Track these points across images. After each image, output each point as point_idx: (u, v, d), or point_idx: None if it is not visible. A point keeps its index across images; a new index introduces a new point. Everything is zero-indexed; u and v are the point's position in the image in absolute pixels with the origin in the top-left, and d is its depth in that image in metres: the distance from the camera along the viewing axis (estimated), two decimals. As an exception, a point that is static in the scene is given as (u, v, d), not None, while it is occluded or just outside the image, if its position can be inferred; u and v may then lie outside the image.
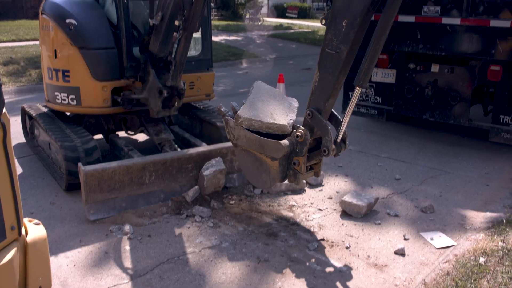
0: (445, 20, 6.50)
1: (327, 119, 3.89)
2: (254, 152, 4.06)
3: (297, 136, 3.79)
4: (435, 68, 6.95)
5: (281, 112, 4.16)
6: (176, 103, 5.54)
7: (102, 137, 6.47)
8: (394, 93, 7.38)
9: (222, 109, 4.31)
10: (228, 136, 4.29)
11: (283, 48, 19.39)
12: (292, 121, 4.09)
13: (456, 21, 6.42)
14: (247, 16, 30.66)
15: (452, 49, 6.57)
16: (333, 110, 3.93)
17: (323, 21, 3.70)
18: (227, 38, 20.14)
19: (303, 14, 38.62)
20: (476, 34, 6.36)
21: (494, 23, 6.21)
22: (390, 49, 7.10)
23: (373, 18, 3.62)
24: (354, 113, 7.75)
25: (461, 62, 6.89)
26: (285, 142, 3.82)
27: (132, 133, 6.40)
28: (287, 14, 37.67)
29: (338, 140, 3.92)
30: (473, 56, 6.55)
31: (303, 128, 3.83)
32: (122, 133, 6.49)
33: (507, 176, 6.12)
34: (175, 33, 5.18)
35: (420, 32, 6.72)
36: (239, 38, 20.84)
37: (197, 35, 6.41)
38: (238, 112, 4.09)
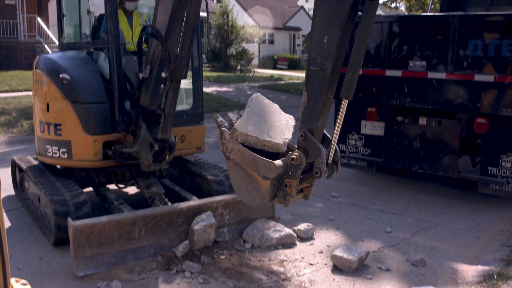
0: (431, 75, 6.67)
1: (320, 140, 3.77)
2: (246, 168, 3.93)
3: (292, 159, 3.67)
4: (422, 121, 7.08)
5: (277, 129, 4.04)
6: (167, 157, 5.56)
7: (92, 190, 6.45)
8: (383, 145, 7.47)
9: (219, 119, 4.16)
10: (221, 147, 4.13)
11: (274, 99, 19.41)
12: (287, 140, 3.98)
13: (442, 75, 6.60)
14: (239, 67, 31.22)
15: (438, 102, 6.72)
16: (325, 131, 3.82)
17: (304, 44, 3.70)
18: (218, 89, 20.42)
19: (293, 65, 39.41)
20: (461, 88, 6.52)
21: (478, 77, 6.38)
22: (378, 102, 7.24)
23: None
24: (344, 165, 7.83)
25: (448, 115, 7.03)
26: (279, 162, 3.71)
27: (123, 186, 6.39)
28: (277, 66, 38.43)
29: (329, 161, 3.76)
30: (459, 109, 6.70)
31: (298, 151, 3.71)
32: (112, 186, 6.48)
33: (497, 228, 6.14)
34: (162, 85, 5.28)
35: (407, 86, 6.88)
36: (230, 89, 21.13)
37: (187, 86, 6.52)
38: (235, 125, 3.94)
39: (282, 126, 4.08)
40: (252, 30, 35.17)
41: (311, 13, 54.05)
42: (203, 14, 6.65)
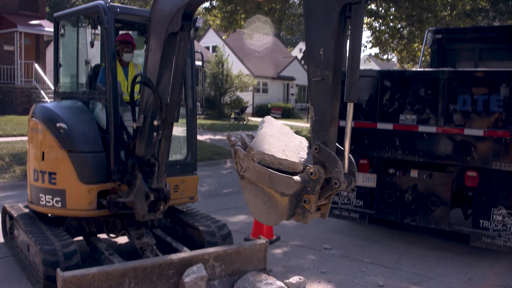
0: (422, 128, 6.79)
1: (335, 151, 3.72)
2: (262, 186, 3.84)
3: (311, 173, 3.62)
4: (414, 173, 7.14)
5: (292, 149, 4.00)
6: (162, 206, 5.58)
7: (83, 239, 6.40)
8: (375, 197, 7.50)
9: (232, 139, 4.11)
10: (236, 167, 4.05)
11: (267, 147, 19.71)
12: (303, 159, 3.91)
13: (432, 129, 6.71)
14: (233, 115, 31.51)
15: (429, 155, 6.80)
16: (337, 144, 3.80)
17: (302, 61, 3.79)
18: (212, 137, 20.55)
19: (287, 114, 39.85)
20: (451, 141, 6.63)
21: (468, 131, 6.49)
22: (370, 154, 7.32)
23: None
24: (336, 216, 7.82)
25: (439, 167, 7.10)
26: (297, 178, 3.64)
27: (114, 236, 6.35)
28: (271, 114, 38.79)
29: (346, 171, 3.70)
30: (450, 162, 6.78)
31: (316, 165, 3.66)
32: (103, 235, 6.43)
33: (490, 282, 6.10)
34: (154, 133, 5.35)
35: (398, 139, 6.98)
36: (224, 138, 21.26)
37: (181, 134, 6.59)
38: (251, 144, 3.91)
39: (297, 147, 4.07)
40: (246, 79, 35.74)
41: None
42: (198, 63, 6.81)
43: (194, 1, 4.98)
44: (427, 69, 8.03)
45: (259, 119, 34.21)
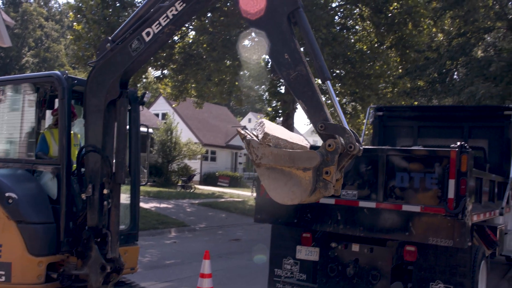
0: (362, 204, 6.97)
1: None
2: (281, 168, 4.11)
3: (329, 145, 3.98)
4: (355, 247, 7.25)
5: (296, 139, 4.35)
6: (114, 278, 5.47)
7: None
8: (318, 270, 7.53)
9: (242, 132, 4.38)
10: (250, 156, 4.32)
11: (213, 217, 19.60)
12: (308, 146, 4.30)
13: (372, 204, 6.90)
14: (180, 183, 31.26)
15: (370, 230, 6.95)
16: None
17: (273, 75, 4.46)
18: (158, 205, 20.24)
19: (234, 183, 39.91)
20: (390, 217, 6.82)
21: (406, 207, 6.71)
22: (313, 228, 7.42)
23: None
24: (279, 290, 7.78)
25: (380, 242, 7.25)
26: (316, 152, 4.01)
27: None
28: (218, 183, 38.78)
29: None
30: (390, 237, 6.95)
31: (330, 138, 4.05)
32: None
33: None
34: (105, 202, 5.32)
35: (340, 213, 7.12)
36: (169, 206, 20.98)
37: (125, 202, 6.49)
38: (265, 130, 4.22)
39: (299, 138, 4.47)
40: (195, 147, 35.82)
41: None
42: (143, 129, 6.88)
43: (129, 69, 5.33)
44: (367, 147, 8.35)
45: (206, 188, 34.11)
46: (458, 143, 6.46)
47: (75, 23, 21.18)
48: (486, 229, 8.36)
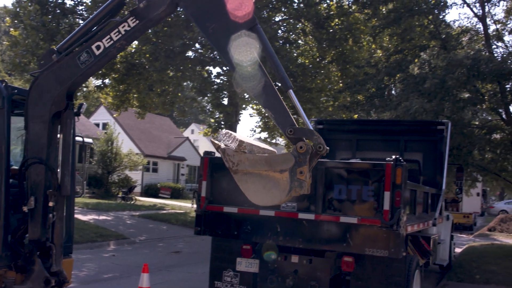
0: (301, 215, 7.06)
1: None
2: (259, 172, 4.35)
3: (300, 147, 4.26)
4: (295, 259, 7.34)
5: (264, 145, 4.62)
6: None
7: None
8: (258, 282, 7.55)
9: (216, 141, 4.62)
10: (227, 164, 4.50)
11: (154, 229, 19.28)
12: (275, 152, 4.54)
13: (311, 216, 6.99)
14: (120, 195, 30.58)
15: (309, 241, 7.05)
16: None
17: (238, 89, 4.89)
18: (96, 217, 19.70)
19: (176, 194, 39.46)
20: (329, 228, 6.95)
21: (343, 219, 6.86)
22: (253, 240, 7.44)
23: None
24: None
25: (318, 253, 7.36)
26: (290, 154, 4.32)
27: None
28: (160, 194, 38.22)
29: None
30: (328, 248, 7.07)
31: (300, 141, 4.31)
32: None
33: None
34: (50, 215, 5.20)
35: (280, 225, 7.18)
36: (109, 218, 20.47)
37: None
38: (239, 139, 4.46)
39: (265, 145, 4.73)
40: (136, 158, 35.16)
41: (196, 144, 55.40)
42: (87, 140, 6.74)
43: (77, 81, 5.29)
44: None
45: (147, 199, 33.52)
46: (393, 157, 6.67)
47: (11, 29, 20.43)
48: (420, 239, 8.68)
